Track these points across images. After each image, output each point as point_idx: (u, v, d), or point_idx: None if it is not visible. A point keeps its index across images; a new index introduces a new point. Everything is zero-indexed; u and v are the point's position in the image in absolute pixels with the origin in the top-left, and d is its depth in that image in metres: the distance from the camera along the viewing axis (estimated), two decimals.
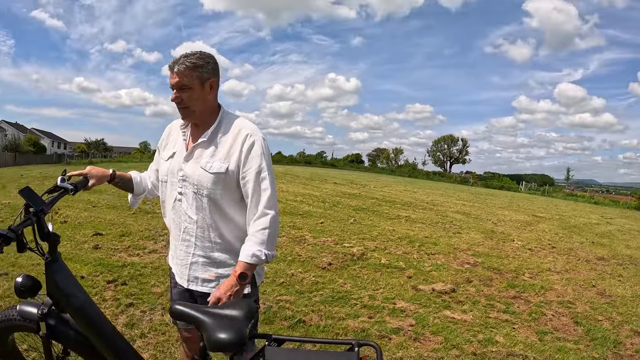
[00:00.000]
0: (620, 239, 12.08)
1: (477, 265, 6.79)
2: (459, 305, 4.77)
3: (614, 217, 20.47)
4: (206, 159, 1.82)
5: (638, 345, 4.20)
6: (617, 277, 7.21)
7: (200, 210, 1.84)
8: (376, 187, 21.80)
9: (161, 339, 3.21)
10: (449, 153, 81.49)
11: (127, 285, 4.21)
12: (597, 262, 8.34)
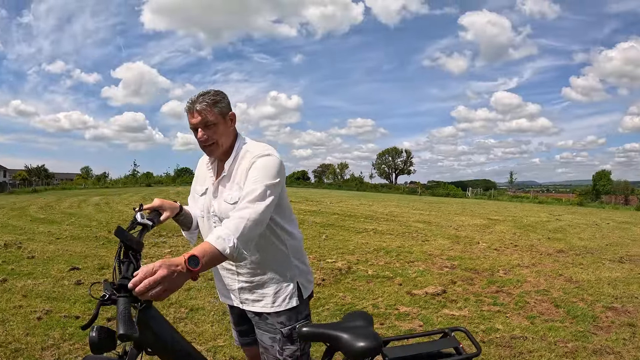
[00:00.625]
0: (572, 233, 13.46)
1: (455, 267, 7.53)
2: (453, 303, 5.42)
3: (561, 214, 22.43)
4: (227, 192, 1.93)
5: (612, 317, 5.04)
6: (579, 266, 8.22)
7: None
8: (332, 202, 22.50)
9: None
10: (393, 165, 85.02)
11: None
12: (558, 255, 9.39)
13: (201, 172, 2.15)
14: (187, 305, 4.79)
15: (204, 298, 5.04)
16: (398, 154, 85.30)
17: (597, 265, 8.49)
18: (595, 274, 7.60)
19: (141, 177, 59.85)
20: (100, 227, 10.66)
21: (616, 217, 23.17)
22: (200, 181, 2.14)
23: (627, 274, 7.67)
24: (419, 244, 9.92)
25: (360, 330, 1.71)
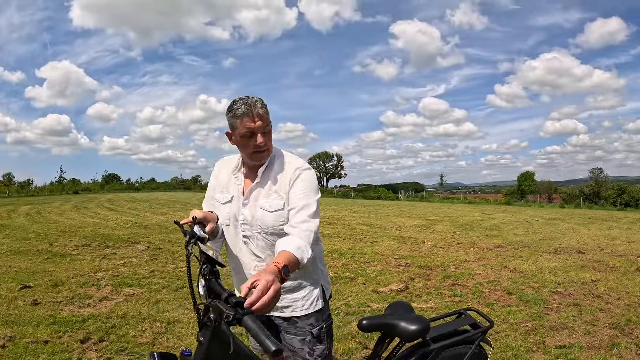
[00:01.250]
0: (507, 230, 14.75)
1: (409, 265, 8.17)
2: (418, 297, 5.99)
3: (493, 213, 24.26)
4: (263, 200, 1.98)
5: (558, 300, 5.85)
6: (519, 258, 9.20)
7: (267, 248, 2.01)
8: None
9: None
10: (325, 169, 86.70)
11: (106, 341, 4.02)
12: (498, 250, 10.38)
13: (222, 179, 2.15)
14: (161, 319, 4.68)
15: (176, 310, 4.97)
16: (329, 158, 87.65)
17: (536, 257, 9.54)
18: (536, 264, 8.58)
19: (68, 183, 57.24)
20: (39, 239, 10.20)
21: (543, 214, 25.39)
22: (221, 189, 2.13)
23: (563, 263, 8.71)
24: (368, 245, 10.52)
25: (409, 316, 2.13)
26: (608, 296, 6.13)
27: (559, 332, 4.64)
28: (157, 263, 6.99)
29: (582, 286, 6.73)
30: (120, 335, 4.13)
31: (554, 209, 36.75)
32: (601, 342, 4.36)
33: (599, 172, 59.56)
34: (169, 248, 8.31)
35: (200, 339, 1.59)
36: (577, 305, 5.64)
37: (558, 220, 19.95)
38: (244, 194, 2.03)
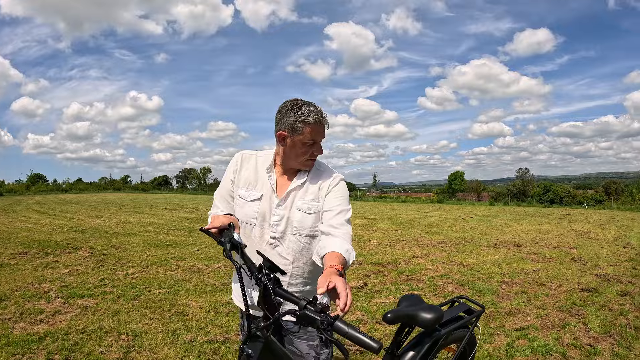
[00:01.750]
0: (445, 227, 15.67)
1: (362, 263, 8.62)
2: (378, 293, 6.42)
3: (428, 211, 25.46)
4: (301, 201, 2.06)
5: (507, 289, 6.50)
6: (463, 253, 9.92)
7: (297, 250, 2.07)
8: (208, 208, 22.48)
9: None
10: None
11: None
12: (442, 246, 11.10)
13: (247, 175, 2.17)
14: (126, 331, 4.46)
15: (139, 321, 4.81)
16: None
17: (478, 251, 10.33)
18: (479, 258, 9.34)
19: None
20: None
21: (476, 211, 26.94)
22: (246, 185, 2.15)
23: (504, 256, 9.53)
24: None
25: (425, 306, 2.39)
26: (550, 284, 6.88)
27: (514, 316, 5.22)
28: (105, 270, 6.87)
29: (525, 276, 7.47)
30: (85, 353, 3.89)
31: (484, 206, 38.93)
32: (553, 323, 4.99)
33: (525, 172, 63.67)
34: (114, 254, 8.16)
35: (249, 351, 1.66)
36: (525, 292, 6.31)
37: (491, 217, 21.31)
38: (279, 195, 2.09)
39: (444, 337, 2.49)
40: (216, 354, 3.93)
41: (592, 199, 48.49)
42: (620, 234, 14.10)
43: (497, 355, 4.10)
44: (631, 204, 36.80)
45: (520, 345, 4.33)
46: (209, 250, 9.39)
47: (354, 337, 1.47)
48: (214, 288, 6.22)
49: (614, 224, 17.42)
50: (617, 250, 10.59)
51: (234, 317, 4.96)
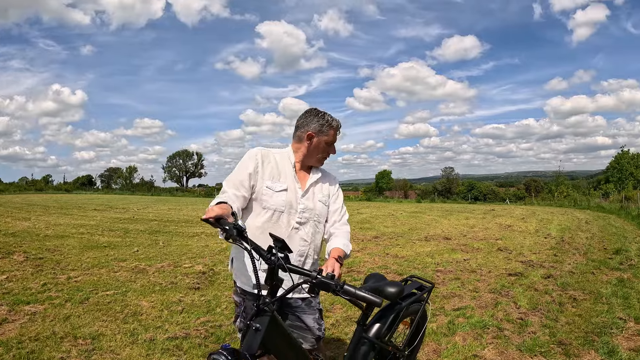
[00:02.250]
0: (377, 223, 16.37)
1: None
2: None
3: (359, 208, 26.26)
4: (319, 195, 2.61)
5: (442, 276, 7.10)
6: (397, 246, 10.53)
7: (314, 234, 2.59)
8: (139, 209, 22.03)
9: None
10: (184, 168, 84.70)
11: None
12: (376, 240, 11.68)
13: (270, 169, 2.53)
14: (82, 335, 4.36)
15: (93, 324, 4.69)
16: (189, 156, 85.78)
17: (411, 244, 10.98)
18: (413, 250, 9.97)
19: None
20: None
21: (405, 208, 28.05)
22: (271, 177, 2.51)
23: (435, 248, 10.22)
24: None
25: (389, 282, 2.75)
26: (480, 270, 7.55)
27: (451, 299, 5.76)
28: (46, 275, 6.59)
29: (457, 264, 8.12)
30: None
31: (412, 203, 40.48)
32: (486, 303, 5.57)
33: (450, 171, 66.85)
34: (50, 257, 7.88)
35: (257, 325, 1.92)
36: (458, 279, 6.91)
37: (420, 213, 22.35)
38: (303, 188, 2.57)
39: (404, 309, 2.89)
40: (179, 350, 4.03)
41: (514, 196, 51.76)
42: (541, 226, 15.35)
43: (441, 331, 4.58)
44: (550, 200, 39.66)
45: (460, 322, 4.85)
46: (149, 250, 9.35)
47: (360, 295, 1.93)
48: (162, 287, 6.25)
49: (534, 218, 18.85)
50: (539, 240, 11.62)
51: (188, 314, 5.05)
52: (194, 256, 8.77)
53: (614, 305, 5.42)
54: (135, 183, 71.96)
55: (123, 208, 22.02)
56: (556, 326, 4.72)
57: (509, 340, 4.35)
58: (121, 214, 17.97)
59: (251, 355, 1.89)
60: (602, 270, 7.53)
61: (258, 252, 1.99)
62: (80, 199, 30.87)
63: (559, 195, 42.44)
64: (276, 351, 2.07)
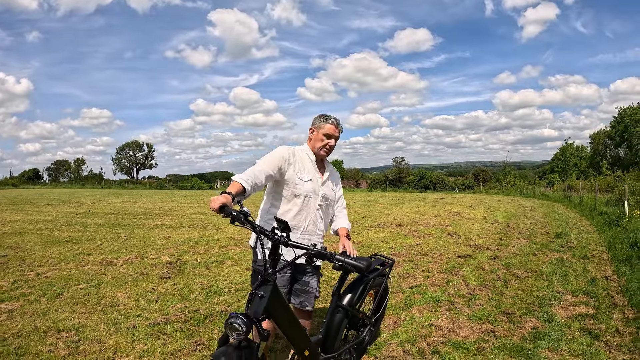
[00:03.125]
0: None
1: None
2: None
3: None
4: (331, 185, 3.32)
5: (398, 259, 7.57)
6: (352, 233, 11.05)
7: (326, 215, 3.29)
8: (93, 202, 21.56)
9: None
10: (135, 159, 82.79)
11: None
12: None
13: (298, 163, 3.12)
14: (65, 327, 4.40)
15: (73, 316, 4.73)
16: (139, 147, 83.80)
17: (365, 231, 11.50)
18: (368, 236, 10.47)
19: None
20: None
21: (358, 197, 28.75)
22: (299, 170, 3.11)
23: (389, 234, 10.77)
24: (215, 232, 11.27)
25: (359, 257, 3.11)
26: (432, 253, 8.10)
27: (407, 279, 6.24)
28: (14, 272, 6.51)
29: (410, 248, 8.66)
30: (34, 354, 3.81)
31: (364, 192, 41.44)
32: (438, 281, 6.09)
33: (400, 161, 68.16)
34: (14, 254, 7.68)
35: (261, 293, 2.30)
36: (412, 261, 7.41)
37: (372, 202, 23.02)
38: (322, 179, 3.23)
39: (371, 281, 3.34)
40: (163, 334, 4.22)
41: (462, 185, 53.64)
42: (488, 213, 16.22)
43: (399, 306, 5.03)
44: (498, 189, 41.46)
45: (416, 298, 5.33)
46: (112, 243, 9.38)
47: (349, 263, 2.61)
48: (133, 278, 6.33)
49: (482, 206, 19.82)
50: (486, 226, 12.36)
51: (164, 302, 5.22)
52: (158, 247, 8.89)
53: (553, 281, 6.02)
54: (84, 176, 69.94)
55: (77, 202, 21.54)
56: (501, 299, 5.26)
57: (460, 311, 4.85)
58: (76, 208, 17.63)
59: (257, 319, 2.24)
60: (544, 252, 8.20)
61: (263, 233, 2.37)
62: (30, 194, 29.85)
63: (506, 185, 44.32)
64: (276, 316, 2.42)
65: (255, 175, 2.77)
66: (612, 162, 49.00)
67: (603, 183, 26.01)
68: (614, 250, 7.84)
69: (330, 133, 3.13)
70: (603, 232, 10.30)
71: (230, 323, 2.18)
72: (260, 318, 2.27)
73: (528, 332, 4.22)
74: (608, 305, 4.91)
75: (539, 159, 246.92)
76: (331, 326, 3.12)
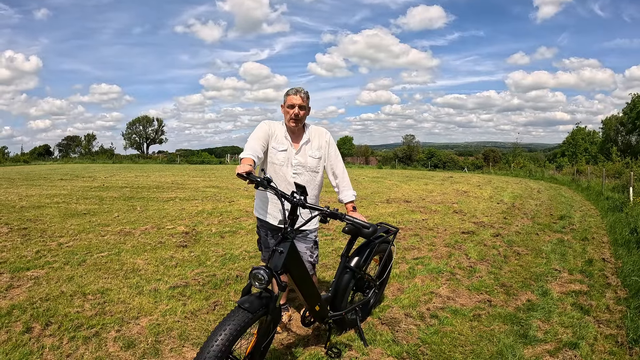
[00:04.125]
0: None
1: None
2: None
3: None
4: (311, 151, 3.45)
5: (404, 233, 7.85)
6: (361, 207, 11.35)
7: (308, 181, 3.41)
8: (106, 177, 21.92)
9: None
10: (145, 134, 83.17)
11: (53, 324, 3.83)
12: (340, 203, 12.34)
13: (275, 134, 3.42)
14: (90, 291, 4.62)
15: (97, 281, 4.98)
16: (149, 122, 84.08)
17: (374, 205, 11.80)
18: (376, 211, 10.78)
19: None
20: None
21: (367, 173, 29.01)
22: (275, 140, 3.40)
23: (396, 209, 11.05)
24: (228, 204, 11.62)
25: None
26: (437, 229, 8.40)
27: (411, 251, 6.55)
28: (36, 243, 6.79)
29: (416, 223, 8.95)
30: (63, 315, 4.01)
31: (373, 169, 41.70)
32: (441, 254, 6.39)
33: (411, 138, 67.96)
34: (35, 227, 8.02)
35: (280, 249, 2.65)
36: (417, 235, 7.72)
37: (381, 179, 23.30)
38: (296, 148, 3.42)
39: (376, 245, 3.62)
40: (183, 296, 4.54)
41: (472, 165, 53.55)
42: (495, 193, 16.45)
43: (403, 275, 5.36)
44: (507, 170, 41.43)
45: (419, 268, 5.64)
46: (129, 215, 9.70)
47: (357, 222, 2.79)
48: (152, 247, 6.64)
49: (490, 186, 20.03)
50: (492, 205, 12.61)
51: (183, 267, 5.55)
52: (173, 219, 9.23)
53: (551, 259, 6.28)
54: (94, 151, 70.48)
55: (90, 177, 21.84)
56: (500, 273, 5.56)
57: (460, 282, 5.16)
58: (90, 183, 17.91)
59: (276, 272, 2.58)
60: (546, 232, 8.46)
61: (284, 196, 2.69)
62: (42, 170, 30.17)
63: (515, 166, 44.29)
64: (292, 271, 2.77)
65: (255, 149, 3.15)
66: (622, 148, 48.69)
67: (612, 169, 26.02)
68: (614, 234, 8.04)
69: (291, 103, 3.34)
70: (606, 217, 10.49)
71: (255, 274, 2.50)
72: (279, 272, 2.60)
73: (522, 304, 4.49)
74: (602, 285, 5.13)
75: (550, 142, 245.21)
76: (339, 285, 3.46)
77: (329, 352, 3.35)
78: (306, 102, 3.39)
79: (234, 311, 2.48)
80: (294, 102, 3.34)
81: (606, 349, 3.52)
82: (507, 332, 3.80)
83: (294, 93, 3.36)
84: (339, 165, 3.58)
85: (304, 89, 3.41)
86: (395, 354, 3.40)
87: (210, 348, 2.31)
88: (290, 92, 3.38)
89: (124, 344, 3.49)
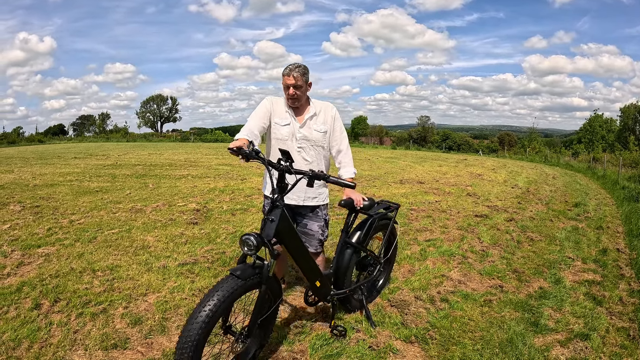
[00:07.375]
0: (355, 166, 16.95)
1: None
2: None
3: None
4: (316, 125, 3.35)
5: (416, 214, 7.75)
6: (374, 187, 11.20)
7: (313, 156, 3.34)
8: (120, 155, 21.88)
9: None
10: (159, 113, 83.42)
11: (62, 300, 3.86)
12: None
13: (277, 110, 3.36)
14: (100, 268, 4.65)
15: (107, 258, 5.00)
16: (163, 101, 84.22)
17: (387, 186, 11.71)
18: (389, 191, 10.69)
19: None
20: None
21: (381, 154, 28.85)
22: (281, 118, 3.33)
23: (409, 190, 10.96)
24: (240, 182, 11.60)
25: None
26: (450, 211, 8.29)
27: (423, 233, 6.47)
28: (48, 220, 6.84)
29: (429, 205, 8.85)
30: (72, 292, 4.03)
31: (387, 150, 41.40)
32: (454, 237, 6.31)
33: (426, 120, 67.50)
34: (47, 205, 8.06)
35: (272, 217, 2.63)
36: (430, 217, 7.62)
37: (395, 159, 23.12)
38: (300, 122, 3.35)
39: (376, 220, 3.59)
40: (191, 273, 4.54)
41: (487, 148, 53.05)
42: (509, 177, 16.23)
43: (414, 256, 5.29)
44: (522, 155, 40.96)
45: (431, 250, 5.57)
46: (141, 192, 9.71)
47: (339, 182, 2.75)
48: (162, 224, 6.64)
49: (505, 170, 19.78)
50: (506, 189, 12.44)
51: (192, 245, 5.56)
52: (185, 196, 9.23)
53: (565, 247, 6.16)
54: (109, 130, 70.83)
55: (103, 155, 21.85)
56: (512, 258, 5.46)
57: (471, 266, 5.08)
58: (103, 161, 17.93)
59: (268, 241, 2.56)
60: (560, 219, 8.30)
61: (271, 164, 2.70)
62: (57, 149, 30.26)
63: (530, 151, 43.77)
64: (286, 241, 2.77)
65: (251, 129, 3.14)
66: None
67: (629, 158, 25.63)
68: (629, 225, 7.86)
69: (285, 84, 3.25)
70: (622, 207, 10.29)
71: (244, 239, 2.50)
72: (272, 241, 2.59)
73: (534, 291, 4.42)
74: (615, 275, 5.01)
75: (567, 128, 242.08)
76: (341, 261, 3.44)
77: (333, 331, 3.34)
78: (301, 81, 3.24)
79: (224, 278, 2.50)
80: (288, 82, 3.23)
81: (618, 342, 3.43)
82: (517, 320, 3.72)
83: (287, 73, 3.24)
84: (343, 141, 3.48)
85: (300, 65, 3.26)
86: (404, 337, 3.36)
87: (198, 314, 2.31)
88: (284, 72, 3.27)
89: (131, 321, 3.49)
